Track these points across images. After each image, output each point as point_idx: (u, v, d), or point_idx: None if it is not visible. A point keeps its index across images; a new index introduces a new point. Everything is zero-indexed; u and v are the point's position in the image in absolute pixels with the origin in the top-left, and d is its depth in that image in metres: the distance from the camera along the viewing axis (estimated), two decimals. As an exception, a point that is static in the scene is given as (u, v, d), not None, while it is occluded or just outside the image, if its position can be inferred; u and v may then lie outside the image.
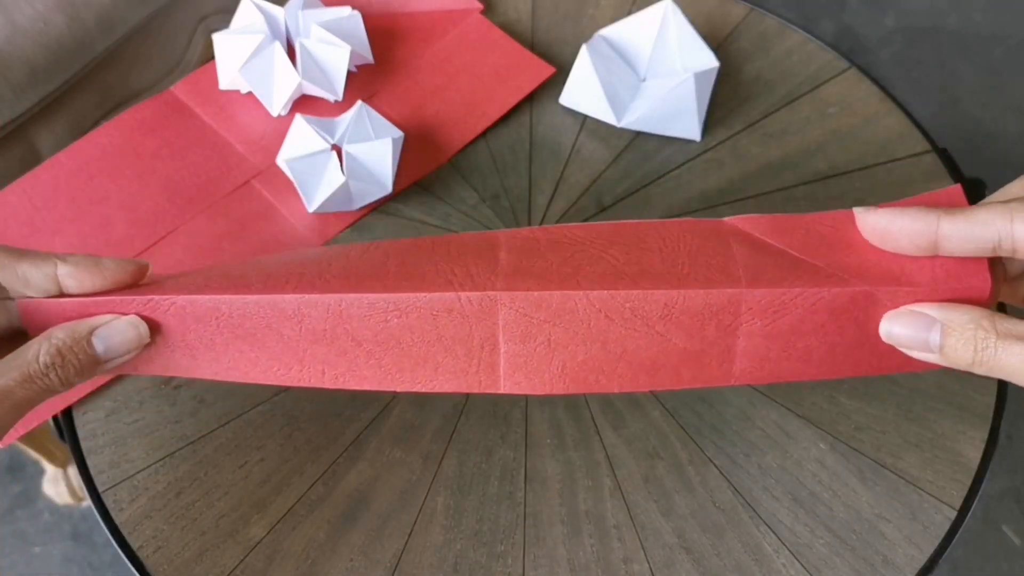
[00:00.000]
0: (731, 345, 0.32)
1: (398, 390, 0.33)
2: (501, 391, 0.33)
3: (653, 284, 0.31)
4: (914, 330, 0.31)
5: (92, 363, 0.32)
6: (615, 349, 0.32)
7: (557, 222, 0.54)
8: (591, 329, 0.32)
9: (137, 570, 0.42)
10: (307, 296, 0.32)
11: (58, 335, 0.32)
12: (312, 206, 0.53)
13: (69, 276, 0.33)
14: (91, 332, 0.32)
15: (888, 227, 0.31)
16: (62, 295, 0.33)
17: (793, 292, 0.31)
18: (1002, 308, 0.49)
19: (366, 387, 0.33)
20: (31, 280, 0.33)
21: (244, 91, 0.59)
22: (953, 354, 0.30)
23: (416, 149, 0.56)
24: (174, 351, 0.34)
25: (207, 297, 0.33)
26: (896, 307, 0.32)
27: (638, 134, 0.58)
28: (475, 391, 0.33)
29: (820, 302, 0.32)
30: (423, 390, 0.33)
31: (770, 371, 0.33)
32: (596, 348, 0.32)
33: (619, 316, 0.32)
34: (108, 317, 0.33)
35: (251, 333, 0.33)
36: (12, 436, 0.46)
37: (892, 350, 0.32)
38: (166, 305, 0.33)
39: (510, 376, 0.33)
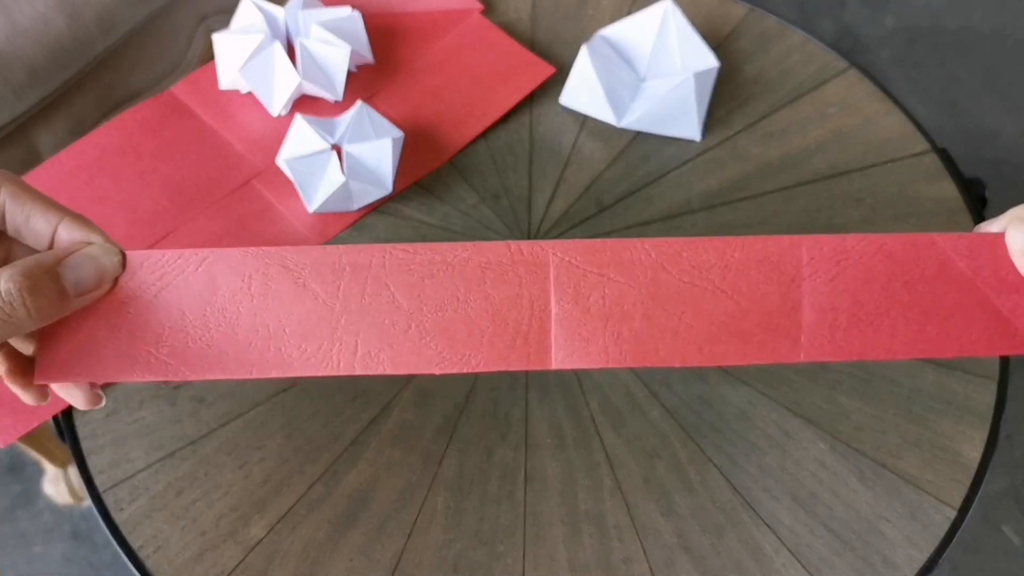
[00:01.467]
0: (796, 304, 0.30)
1: (436, 371, 0.30)
2: (552, 367, 0.30)
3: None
4: None
5: (60, 296, 0.29)
6: (674, 310, 0.30)
7: (557, 222, 0.54)
8: (648, 283, 0.30)
9: (137, 570, 0.42)
10: (352, 246, 0.30)
11: (22, 262, 0.28)
12: (312, 206, 0.53)
13: (67, 232, 0.30)
14: (58, 262, 0.29)
15: None
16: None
17: (854, 239, 0.31)
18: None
19: (400, 370, 0.30)
20: (32, 222, 0.30)
21: (244, 91, 0.59)
22: None
23: (416, 149, 0.56)
24: (187, 344, 0.30)
25: (238, 250, 0.30)
26: (956, 251, 0.31)
27: (638, 134, 0.58)
28: (522, 367, 0.30)
29: (883, 248, 0.31)
30: (464, 370, 0.30)
31: (842, 340, 0.31)
32: (654, 309, 0.30)
33: (676, 267, 0.30)
34: (79, 244, 0.29)
35: (282, 294, 0.30)
36: (13, 436, 0.46)
37: (960, 325, 0.31)
38: (196, 262, 0.30)
39: (562, 347, 0.30)
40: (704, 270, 0.30)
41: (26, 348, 0.32)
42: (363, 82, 0.59)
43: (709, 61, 0.57)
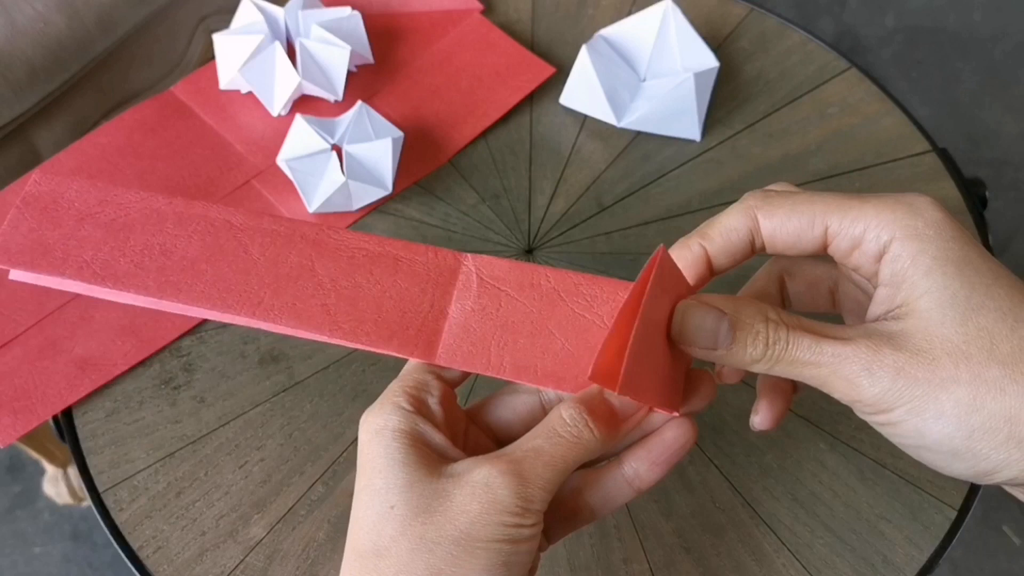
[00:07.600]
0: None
1: (327, 337, 0.32)
2: (436, 361, 0.32)
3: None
4: (707, 322, 0.28)
5: (613, 416, 0.30)
6: (560, 335, 0.32)
7: (557, 222, 0.54)
8: (543, 307, 0.32)
9: (137, 570, 0.42)
10: (292, 220, 0.33)
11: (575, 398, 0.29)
12: (312, 206, 0.53)
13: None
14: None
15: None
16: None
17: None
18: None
19: (294, 327, 0.32)
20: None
21: (244, 91, 0.59)
22: (742, 350, 0.27)
23: (416, 149, 0.56)
24: (119, 261, 0.33)
25: (198, 203, 0.33)
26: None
27: (638, 134, 0.58)
28: (407, 354, 0.32)
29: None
30: (352, 342, 0.32)
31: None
32: (542, 331, 0.32)
33: (571, 297, 0.32)
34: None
35: (220, 244, 0.33)
36: (13, 436, 0.46)
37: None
38: (163, 202, 0.33)
39: (449, 344, 0.32)
40: (595, 303, 0.32)
41: None
42: (363, 82, 0.59)
43: (709, 61, 0.57)
